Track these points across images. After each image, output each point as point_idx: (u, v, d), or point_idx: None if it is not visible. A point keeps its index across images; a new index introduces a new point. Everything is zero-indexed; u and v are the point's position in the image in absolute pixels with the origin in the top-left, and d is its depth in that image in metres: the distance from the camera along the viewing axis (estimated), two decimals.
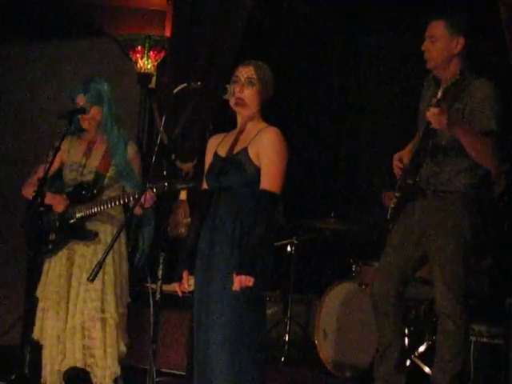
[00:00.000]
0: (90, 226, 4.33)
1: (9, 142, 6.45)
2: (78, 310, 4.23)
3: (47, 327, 4.31)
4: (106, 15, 6.44)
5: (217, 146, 3.69)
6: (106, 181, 4.36)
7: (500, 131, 4.07)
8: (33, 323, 4.36)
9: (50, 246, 4.33)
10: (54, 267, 4.34)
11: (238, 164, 3.52)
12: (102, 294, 4.27)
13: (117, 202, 4.23)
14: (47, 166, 4.12)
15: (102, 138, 4.44)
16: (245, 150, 3.54)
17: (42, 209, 4.30)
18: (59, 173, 4.43)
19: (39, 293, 4.35)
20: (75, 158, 4.40)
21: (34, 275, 4.45)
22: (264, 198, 3.47)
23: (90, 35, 6.49)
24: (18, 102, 6.49)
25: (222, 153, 3.63)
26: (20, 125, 6.47)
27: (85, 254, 4.29)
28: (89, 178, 4.34)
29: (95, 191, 4.32)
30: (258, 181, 3.50)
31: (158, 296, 3.47)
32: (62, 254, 4.33)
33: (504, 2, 4.75)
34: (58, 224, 4.33)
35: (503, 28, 4.79)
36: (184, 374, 5.04)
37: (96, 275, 3.36)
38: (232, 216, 3.51)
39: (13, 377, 4.47)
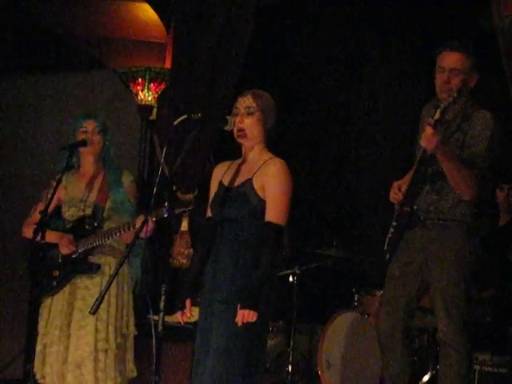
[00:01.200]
0: (93, 259, 4.32)
1: (10, 175, 6.46)
2: (83, 343, 4.20)
3: (49, 363, 4.27)
4: (105, 48, 6.48)
5: (222, 174, 3.67)
6: (105, 212, 4.35)
7: (486, 166, 4.06)
8: (31, 356, 4.32)
9: (54, 283, 4.31)
10: (56, 302, 4.31)
11: (242, 195, 3.51)
12: (107, 324, 4.25)
13: (117, 233, 4.23)
14: (48, 199, 4.12)
15: (99, 170, 4.44)
16: (249, 181, 3.52)
17: (42, 241, 4.27)
18: (57, 210, 4.43)
19: (41, 328, 4.31)
20: (74, 193, 4.40)
21: (36, 310, 4.42)
22: (269, 230, 3.45)
23: (91, 68, 6.54)
24: (18, 135, 6.51)
25: (227, 182, 3.62)
26: (21, 157, 6.48)
27: (89, 287, 4.27)
28: (88, 211, 4.34)
29: (95, 224, 4.31)
30: (262, 212, 3.48)
31: (160, 328, 3.45)
32: (65, 289, 4.31)
33: (502, 33, 4.78)
34: (60, 260, 4.32)
35: (502, 58, 4.81)
36: None
37: (98, 308, 3.34)
38: (234, 248, 3.49)
39: None
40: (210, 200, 3.65)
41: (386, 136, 6.62)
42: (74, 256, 4.29)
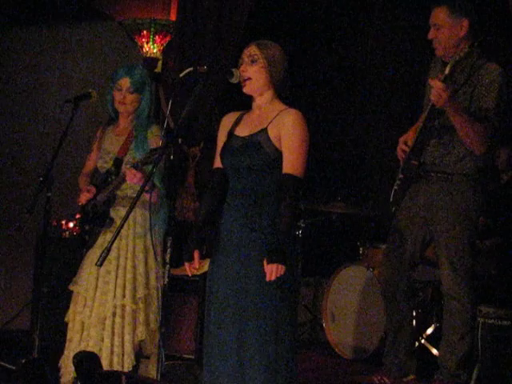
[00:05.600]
0: (113, 212, 4.30)
1: (16, 129, 6.46)
2: (108, 298, 4.21)
3: (75, 312, 4.30)
4: (111, 0, 6.43)
5: (231, 124, 3.62)
6: (123, 165, 4.30)
7: (497, 119, 4.07)
8: (44, 307, 4.34)
9: (87, 237, 4.33)
10: (89, 255, 4.32)
11: (257, 145, 3.45)
12: (125, 280, 4.23)
13: (117, 185, 4.21)
14: (55, 151, 4.12)
15: (130, 124, 4.38)
16: (264, 130, 3.47)
17: (49, 194, 4.28)
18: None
19: (75, 278, 4.34)
20: (105, 146, 4.39)
21: (45, 260, 4.45)
22: (288, 182, 3.40)
23: (96, 20, 6.49)
24: (23, 87, 6.50)
25: (239, 132, 3.57)
26: (25, 110, 6.48)
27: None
28: (110, 164, 4.32)
29: (113, 177, 4.28)
30: (277, 163, 3.43)
31: (165, 280, 3.46)
32: (97, 243, 4.32)
33: None
34: (90, 214, 4.33)
35: (510, 9, 4.78)
36: (193, 357, 5.06)
37: (104, 260, 3.34)
38: (249, 198, 3.45)
39: (23, 361, 4.49)
40: (219, 150, 3.60)
41: (393, 90, 6.58)
42: (96, 210, 4.29)
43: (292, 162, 3.42)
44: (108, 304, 4.20)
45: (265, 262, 3.33)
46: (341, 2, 6.66)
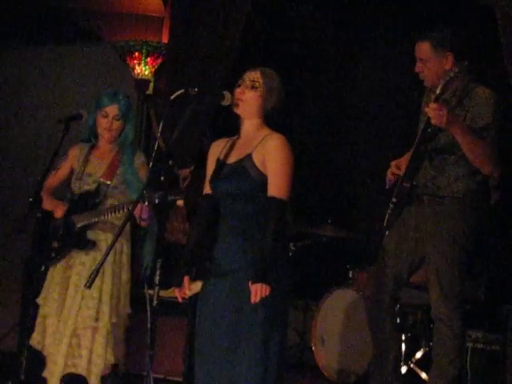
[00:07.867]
0: (92, 234, 4.30)
1: (7, 149, 6.45)
2: (71, 317, 4.19)
3: (48, 334, 4.27)
4: (103, 21, 6.45)
5: (220, 151, 3.67)
6: (109, 190, 4.31)
7: (495, 136, 4.09)
8: (31, 329, 4.31)
9: (53, 254, 4.32)
10: (55, 275, 4.31)
11: (242, 170, 3.51)
12: (98, 302, 4.23)
13: (117, 211, 4.22)
14: (49, 171, 4.13)
15: (114, 148, 4.41)
16: (249, 156, 3.52)
17: (39, 215, 4.27)
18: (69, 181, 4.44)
19: (41, 299, 4.32)
20: (84, 167, 4.39)
21: (33, 281, 4.43)
22: (272, 205, 3.45)
23: (87, 41, 6.50)
24: (14, 109, 6.49)
25: (226, 159, 3.62)
26: (16, 130, 6.46)
27: (84, 262, 4.26)
28: (92, 187, 4.32)
29: (97, 200, 4.30)
30: (263, 188, 3.48)
31: (155, 302, 3.46)
32: (63, 262, 4.31)
33: (500, 8, 4.78)
34: (60, 232, 4.32)
35: (499, 35, 4.81)
36: (181, 380, 5.03)
37: (93, 282, 3.34)
38: (237, 223, 3.50)
39: (9, 383, 4.45)
40: (209, 177, 3.65)
41: (384, 111, 6.61)
42: (72, 230, 4.28)
43: (276, 185, 3.47)
44: (76, 324, 4.19)
45: (249, 283, 3.38)
46: (332, 32, 6.70)
